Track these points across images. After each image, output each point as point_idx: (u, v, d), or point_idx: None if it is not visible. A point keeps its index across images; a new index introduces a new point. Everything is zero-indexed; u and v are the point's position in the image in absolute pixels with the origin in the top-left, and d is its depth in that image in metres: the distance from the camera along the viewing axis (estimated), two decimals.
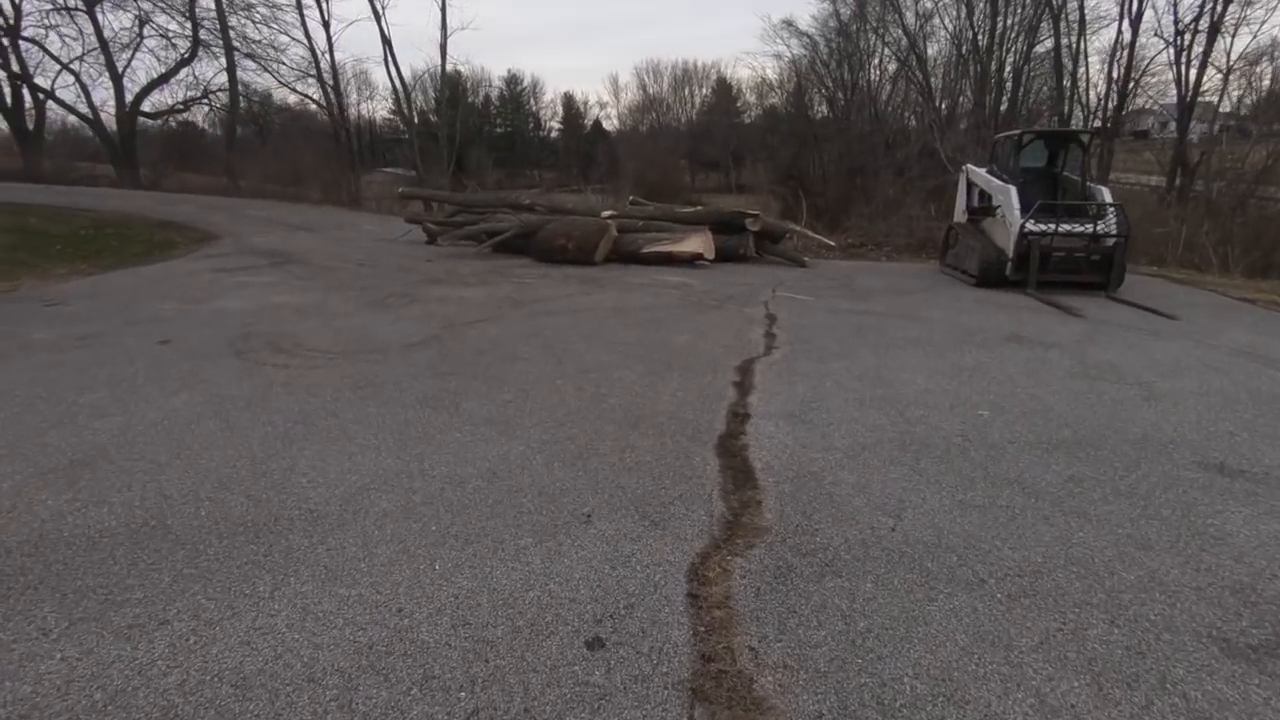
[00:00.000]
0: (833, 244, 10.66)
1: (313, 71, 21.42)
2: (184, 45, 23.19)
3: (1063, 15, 24.36)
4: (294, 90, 22.77)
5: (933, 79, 31.70)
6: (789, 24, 38.96)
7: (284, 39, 21.84)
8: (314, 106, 19.71)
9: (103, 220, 11.93)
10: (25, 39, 22.76)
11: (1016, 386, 4.41)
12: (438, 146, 21.58)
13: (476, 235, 10.19)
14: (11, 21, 22.76)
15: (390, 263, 9.53)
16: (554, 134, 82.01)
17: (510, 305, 6.83)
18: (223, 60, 22.48)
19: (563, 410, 3.86)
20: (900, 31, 31.66)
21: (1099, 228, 7.44)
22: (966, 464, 3.22)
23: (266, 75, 22.71)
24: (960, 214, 9.29)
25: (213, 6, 21.31)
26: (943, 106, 30.91)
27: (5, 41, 22.85)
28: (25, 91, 23.49)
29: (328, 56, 21.40)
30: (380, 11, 19.59)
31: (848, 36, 38.04)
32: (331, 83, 21.47)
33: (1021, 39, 27.24)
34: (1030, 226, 7.46)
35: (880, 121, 36.18)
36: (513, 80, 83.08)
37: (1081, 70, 25.33)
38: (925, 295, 7.75)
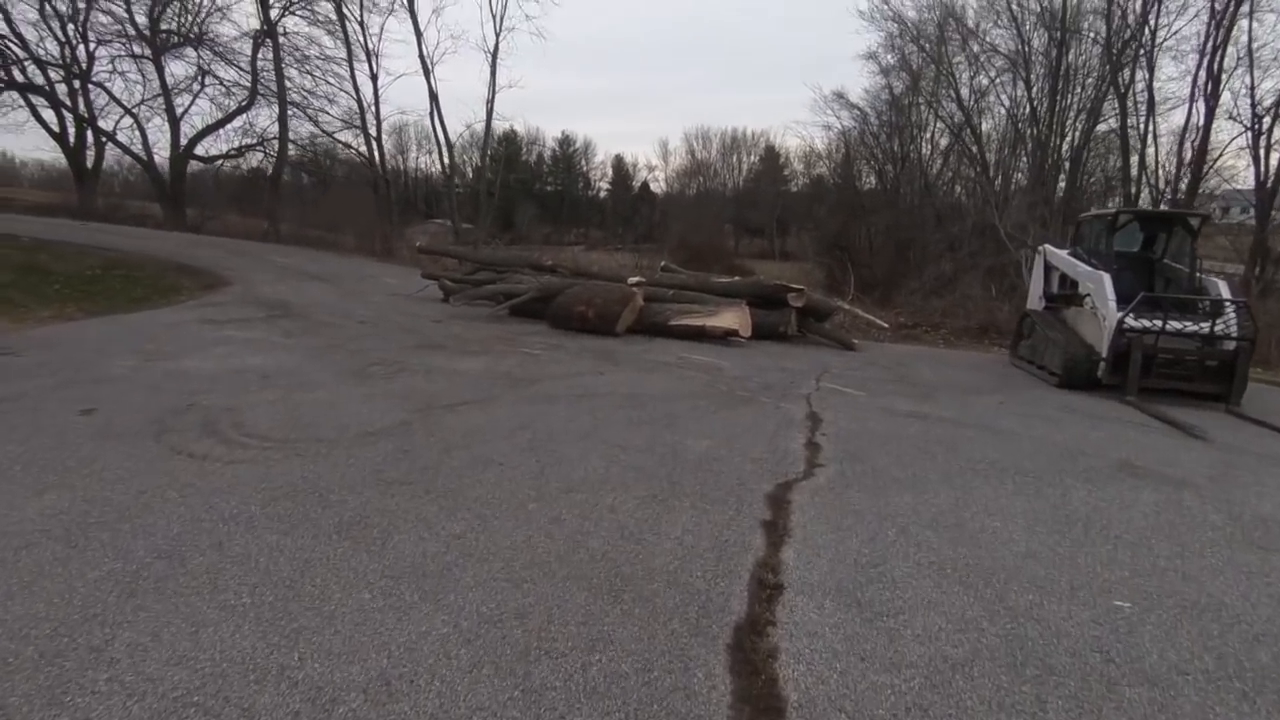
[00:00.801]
0: (885, 325, 9.57)
1: (357, 122, 21.70)
2: (242, 94, 23.81)
3: (1129, 94, 23.42)
4: (334, 140, 23.06)
5: (987, 154, 30.90)
6: (840, 96, 38.80)
7: (332, 89, 22.18)
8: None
9: (117, 261, 11.55)
10: (94, 83, 23.62)
11: (1157, 556, 3.20)
12: (487, 200, 21.44)
13: (493, 296, 9.39)
14: (85, 66, 23.70)
15: (395, 321, 8.76)
16: (602, 194, 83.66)
17: (507, 384, 5.87)
18: (277, 109, 22.95)
19: (524, 558, 2.80)
20: (955, 105, 31.13)
21: (1216, 327, 6.21)
22: (1121, 717, 2.05)
23: (313, 124, 22.99)
24: (1035, 300, 8.15)
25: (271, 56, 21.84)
26: (997, 183, 29.95)
27: (76, 84, 23.75)
28: (88, 132, 24.26)
29: (373, 108, 21.66)
30: (430, 68, 19.74)
31: (899, 110, 37.69)
32: (375, 134, 21.65)
33: (1083, 117, 26.34)
34: (1131, 322, 6.27)
35: (931, 195, 35.39)
36: (565, 141, 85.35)
37: (1150, 150, 24.18)
38: (999, 396, 6.57)
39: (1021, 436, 5.12)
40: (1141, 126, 23.66)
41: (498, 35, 21.08)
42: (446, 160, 20.22)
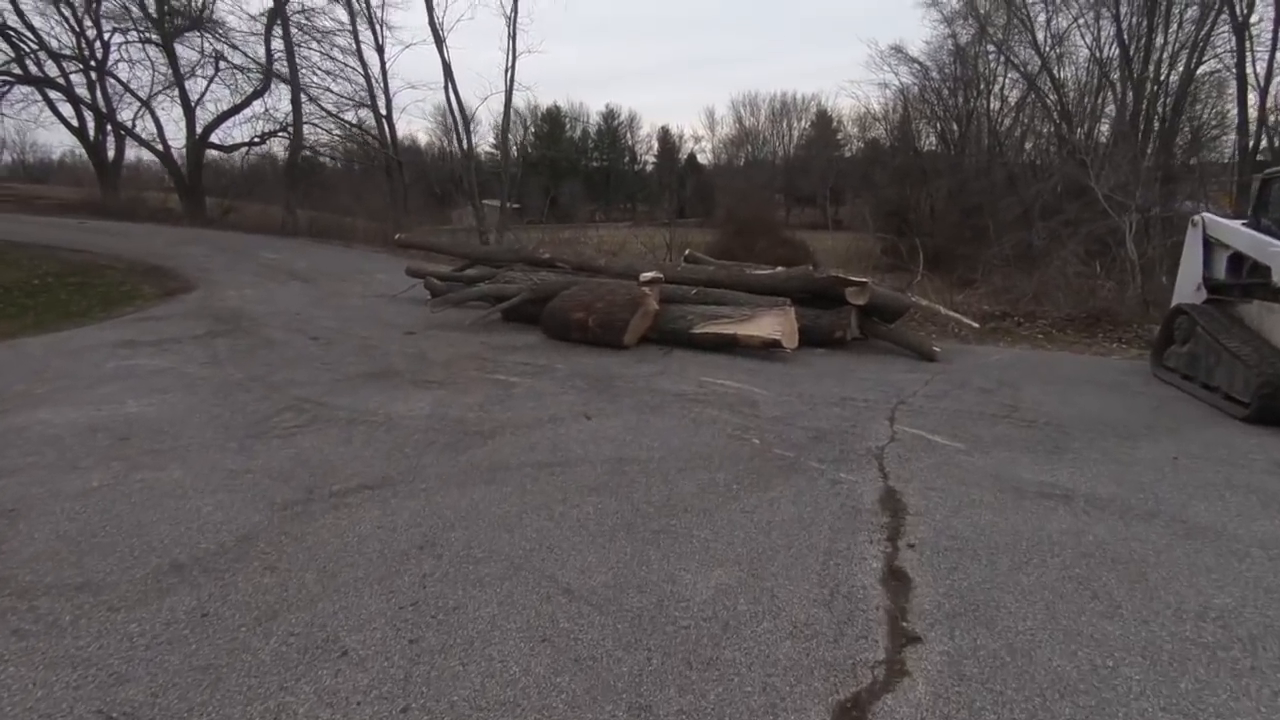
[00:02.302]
0: (974, 324, 7.46)
1: (367, 101, 20.27)
2: (256, 78, 22.65)
3: (1247, 27, 19.97)
4: (342, 120, 21.68)
5: (1068, 105, 27.54)
6: (898, 50, 35.56)
7: (338, 65, 20.73)
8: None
9: (80, 265, 10.35)
10: (109, 74, 22.83)
11: None
12: (535, 178, 19.90)
13: (479, 299, 7.70)
14: (100, 57, 22.92)
15: (357, 336, 7.17)
16: (648, 168, 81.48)
17: (448, 443, 4.17)
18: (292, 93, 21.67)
19: None
20: (1030, 50, 27.78)
21: None
22: None
23: (318, 105, 21.64)
24: (1190, 291, 5.96)
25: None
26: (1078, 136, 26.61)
27: (93, 76, 23.01)
28: (107, 126, 23.58)
29: (381, 84, 20.15)
30: (442, 37, 18.04)
31: (964, 61, 34.31)
32: (385, 112, 20.18)
33: (1184, 55, 22.89)
34: None
35: (1001, 153, 32.06)
36: (610, 115, 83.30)
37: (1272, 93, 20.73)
38: (1165, 442, 4.50)
39: (1243, 540, 3.13)
40: (1272, 61, 20.22)
41: None
42: (463, 137, 18.55)
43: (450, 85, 18.33)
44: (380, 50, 19.55)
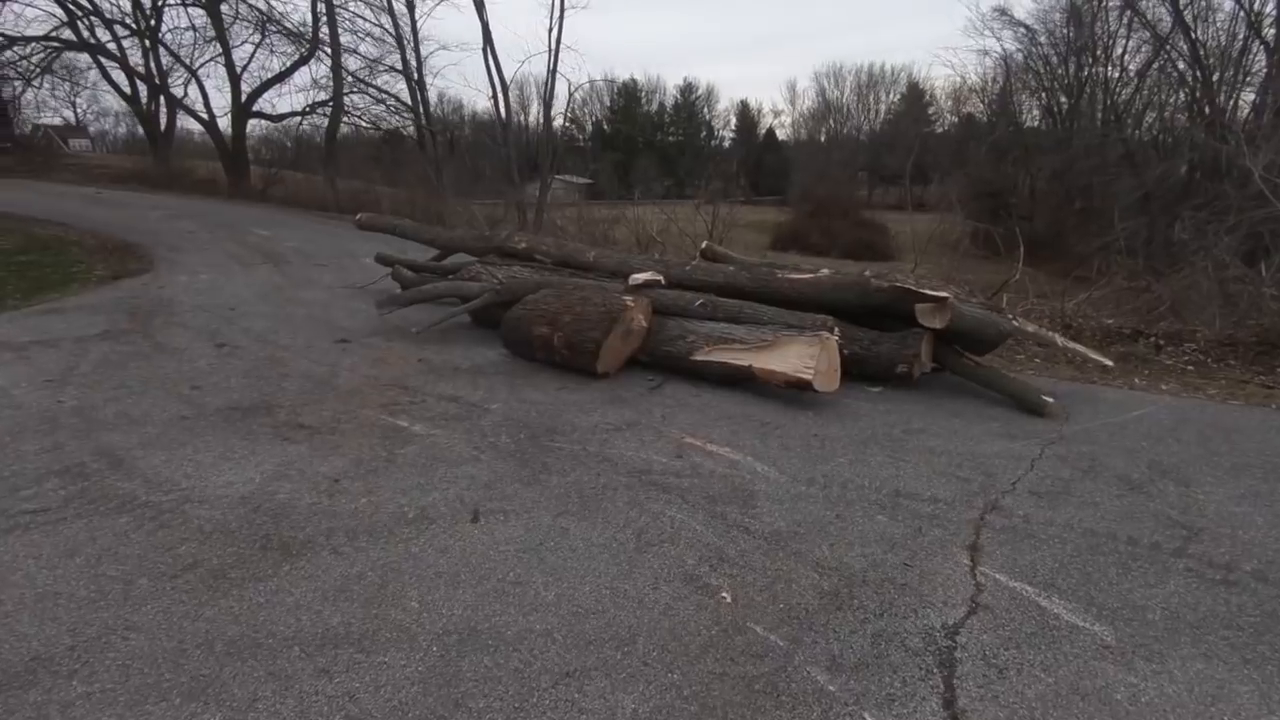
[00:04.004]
0: (1109, 363, 5.22)
1: (399, 65, 18.98)
2: (303, 45, 21.73)
3: None
4: (371, 87, 20.45)
5: (1209, 71, 23.54)
6: (1002, 12, 31.81)
7: (368, 25, 19.42)
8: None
9: (45, 241, 9.36)
10: (162, 44, 22.42)
11: None
12: (610, 154, 18.19)
13: (440, 298, 6.06)
14: (153, 24, 22.53)
15: (276, 342, 5.67)
16: (726, 143, 78.71)
17: (208, 574, 2.53)
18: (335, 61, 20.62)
19: None
20: (1162, 7, 23.83)
21: None
22: None
23: (357, 73, 20.46)
24: None
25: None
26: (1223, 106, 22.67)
27: (146, 43, 22.67)
28: (160, 96, 23.28)
29: (411, 44, 18.77)
30: None
31: (1079, 22, 30.27)
32: (416, 76, 18.81)
33: None
34: None
35: (1120, 127, 28.08)
36: (687, 89, 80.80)
37: None
38: None
39: None
40: None
41: None
42: (502, 104, 16.95)
43: (489, 48, 16.70)
44: (411, 7, 18.19)
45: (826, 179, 46.39)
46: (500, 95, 17.06)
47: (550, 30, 16.53)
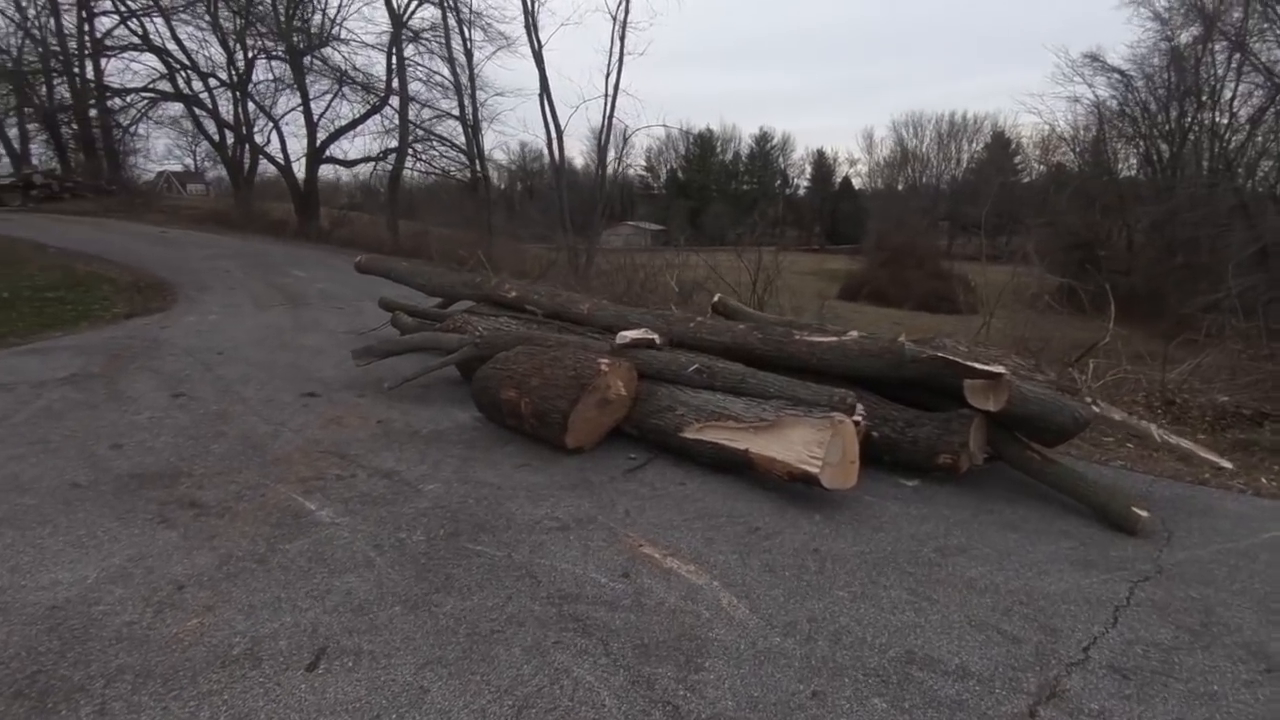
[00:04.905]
0: (1226, 465, 4.02)
1: (455, 111, 19.26)
2: (375, 96, 22.52)
3: None
4: (430, 134, 20.76)
5: None
6: (1094, 59, 30.12)
7: (426, 70, 19.79)
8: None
9: (81, 278, 9.44)
10: (250, 97, 23.70)
11: None
12: (683, 201, 17.92)
13: (414, 351, 5.47)
14: (242, 77, 23.90)
15: (240, 394, 5.16)
16: (800, 192, 78.23)
17: None
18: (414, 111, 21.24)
19: None
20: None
21: None
22: None
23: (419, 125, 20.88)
24: None
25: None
26: None
27: (236, 94, 24.03)
28: (245, 144, 24.55)
29: (469, 89, 19.01)
30: (538, 42, 16.47)
31: (1181, 67, 28.26)
32: (471, 120, 18.99)
33: None
34: None
35: (1230, 176, 25.72)
36: (763, 138, 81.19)
37: None
38: None
39: None
40: None
41: None
42: (557, 152, 16.82)
43: (545, 95, 16.68)
44: (469, 55, 18.49)
45: (902, 227, 44.81)
46: (555, 140, 16.94)
47: (607, 76, 16.39)
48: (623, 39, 16.96)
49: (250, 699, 2.06)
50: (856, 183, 74.95)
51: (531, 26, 16.88)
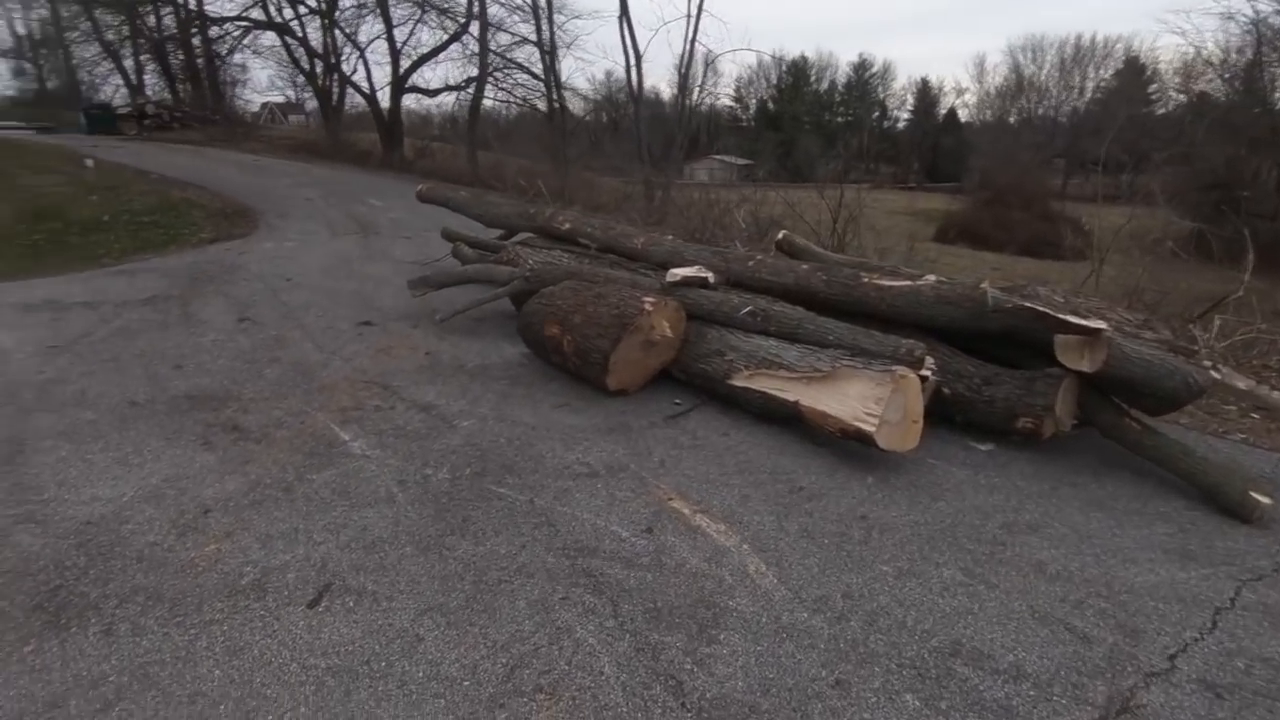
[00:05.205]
0: None
1: (533, 37, 18.67)
2: (460, 19, 22.23)
3: None
4: (505, 59, 20.24)
5: None
6: None
7: None
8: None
9: (174, 202, 9.84)
10: (337, 25, 23.89)
11: None
12: (773, 134, 17.15)
13: (469, 282, 5.37)
14: (328, 5, 24.08)
15: (302, 320, 5.23)
16: (900, 124, 73.51)
17: None
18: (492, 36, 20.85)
19: None
20: None
21: None
22: None
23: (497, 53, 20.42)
24: None
25: None
26: None
27: (324, 22, 24.29)
28: (334, 73, 24.93)
29: (546, 10, 18.30)
30: None
31: None
32: (548, 46, 18.39)
33: None
34: None
35: None
36: (861, 66, 76.15)
37: None
38: None
39: None
40: None
41: None
42: (636, 80, 16.14)
43: (625, 18, 15.89)
44: None
45: (1011, 163, 41.37)
46: (634, 67, 16.25)
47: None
48: None
49: (248, 632, 2.03)
50: (963, 115, 69.49)
51: None
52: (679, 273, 4.12)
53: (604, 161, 18.34)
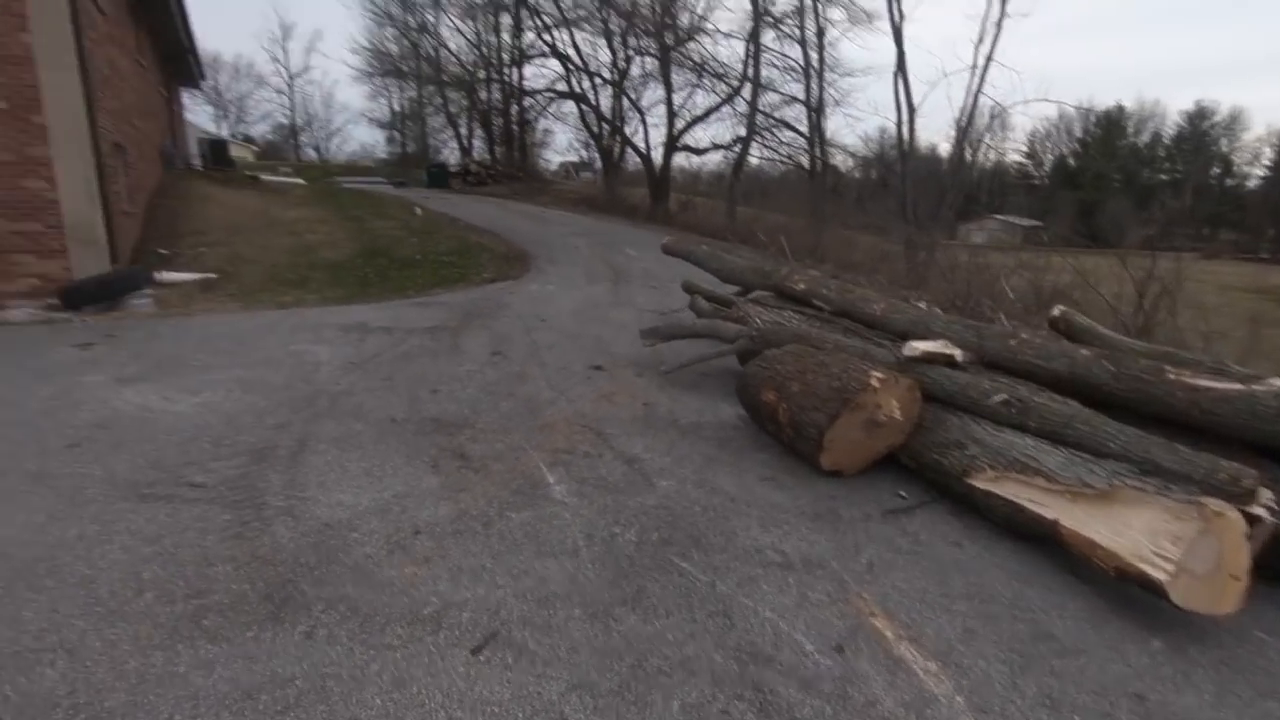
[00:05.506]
0: None
1: (801, 95, 18.53)
2: (727, 86, 23.32)
3: None
4: (771, 118, 20.24)
5: None
6: None
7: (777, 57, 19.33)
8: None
9: (470, 246, 11.49)
10: (624, 92, 26.54)
11: None
12: (1071, 193, 15.82)
13: (697, 337, 5.35)
14: (620, 76, 26.86)
15: (544, 359, 5.65)
16: (1251, 182, 61.25)
17: (194, 618, 2.28)
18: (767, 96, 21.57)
19: None
20: None
21: None
22: None
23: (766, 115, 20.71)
24: None
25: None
26: None
27: (614, 90, 27.12)
28: (617, 136, 27.61)
29: (816, 68, 18.08)
30: (899, 18, 15.01)
31: None
32: (815, 102, 18.08)
33: None
34: None
35: None
36: (1198, 115, 65.13)
37: None
38: None
39: None
40: None
41: None
42: (908, 134, 15.33)
43: (900, 73, 15.26)
44: (820, 33, 17.65)
45: None
46: (906, 121, 15.49)
47: (978, 44, 14.35)
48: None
49: (415, 667, 2.08)
50: None
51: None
52: (919, 346, 3.63)
53: (866, 218, 17.61)
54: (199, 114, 44.06)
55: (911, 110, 15.24)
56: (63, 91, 6.96)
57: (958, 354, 3.63)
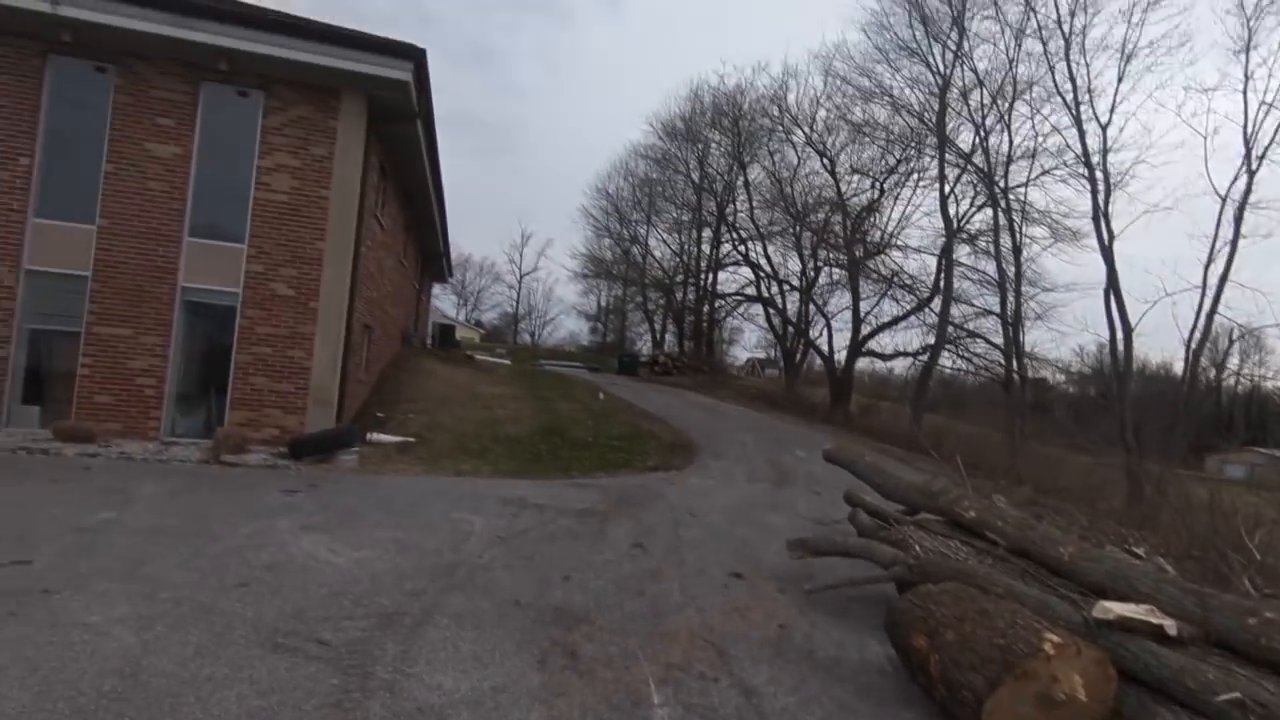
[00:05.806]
0: None
1: (996, 309, 17.58)
2: (922, 292, 23.30)
3: None
4: (964, 331, 19.20)
5: None
6: None
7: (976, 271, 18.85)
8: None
9: (641, 432, 11.87)
10: (812, 299, 27.52)
11: None
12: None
13: (851, 556, 4.87)
14: (809, 284, 28.02)
15: (685, 559, 5.44)
16: None
17: None
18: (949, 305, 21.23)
19: None
20: None
21: None
22: None
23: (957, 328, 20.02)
24: None
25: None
26: None
27: (802, 296, 28.20)
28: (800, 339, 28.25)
29: (1013, 284, 17.15)
30: (1108, 239, 14.21)
31: None
32: (1012, 316, 16.98)
33: None
34: None
35: None
36: None
37: None
38: None
39: None
40: None
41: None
42: (1121, 353, 13.87)
43: (1113, 290, 14.22)
44: (1017, 252, 17.09)
45: None
46: (1122, 342, 14.15)
47: (1207, 265, 13.15)
48: (1238, 221, 13.44)
49: None
50: None
51: (1101, 218, 14.92)
52: (1114, 609, 2.96)
53: (1071, 439, 15.73)
54: (445, 300, 52.57)
55: (1128, 329, 13.91)
56: (335, 284, 8.72)
57: (1169, 625, 2.91)
